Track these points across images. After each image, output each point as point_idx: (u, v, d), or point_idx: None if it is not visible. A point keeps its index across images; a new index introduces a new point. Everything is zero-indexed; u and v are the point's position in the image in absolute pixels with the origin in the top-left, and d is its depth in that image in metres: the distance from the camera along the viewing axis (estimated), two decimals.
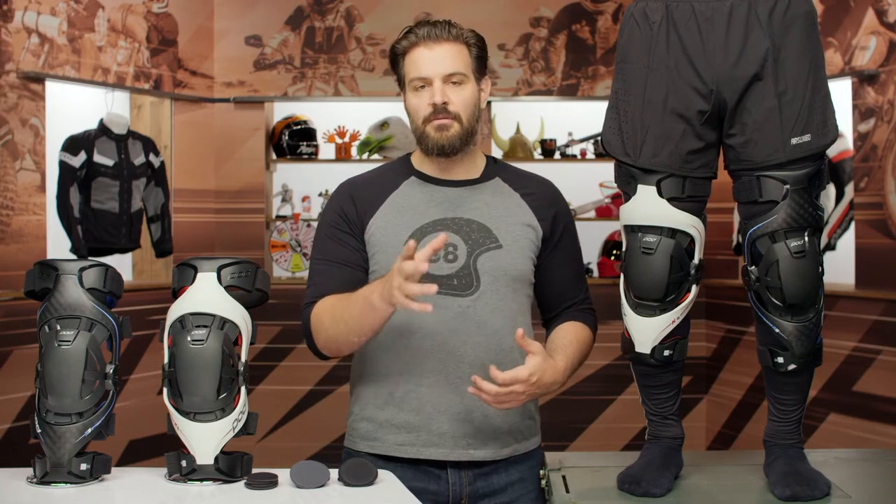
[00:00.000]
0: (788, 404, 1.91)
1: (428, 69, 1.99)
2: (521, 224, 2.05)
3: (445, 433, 1.98)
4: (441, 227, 2.01)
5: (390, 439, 2.00)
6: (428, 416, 1.98)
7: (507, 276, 2.01)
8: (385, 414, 2.01)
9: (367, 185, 2.09)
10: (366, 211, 2.04)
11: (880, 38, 4.27)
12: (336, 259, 2.03)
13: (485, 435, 2.00)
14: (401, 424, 1.99)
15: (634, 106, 1.89)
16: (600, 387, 5.25)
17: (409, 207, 2.03)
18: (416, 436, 1.99)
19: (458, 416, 1.98)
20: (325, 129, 5.45)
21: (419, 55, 2.00)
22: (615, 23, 5.40)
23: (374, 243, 2.03)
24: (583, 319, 2.10)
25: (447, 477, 2.00)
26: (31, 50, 4.47)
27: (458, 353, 1.98)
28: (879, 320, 4.25)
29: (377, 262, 2.02)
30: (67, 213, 4.59)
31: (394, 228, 2.01)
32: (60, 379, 1.78)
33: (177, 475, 1.80)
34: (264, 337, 5.02)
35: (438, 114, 1.99)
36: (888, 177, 4.22)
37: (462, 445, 1.99)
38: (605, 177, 5.44)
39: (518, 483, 2.05)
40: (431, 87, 2.00)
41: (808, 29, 1.84)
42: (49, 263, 1.85)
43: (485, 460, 2.01)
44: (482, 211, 2.04)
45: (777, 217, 1.83)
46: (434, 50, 2.00)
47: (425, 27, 2.01)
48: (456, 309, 1.98)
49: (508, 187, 2.09)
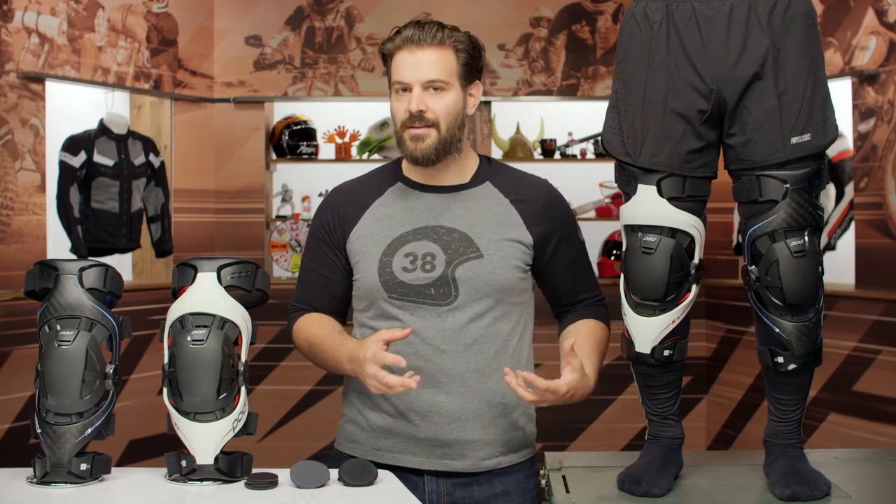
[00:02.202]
0: (788, 404, 1.91)
1: (408, 74, 1.97)
2: (506, 232, 2.01)
3: (422, 441, 1.97)
4: (420, 235, 2.00)
5: (369, 443, 2.01)
6: (406, 423, 1.98)
7: (488, 286, 1.98)
8: (366, 418, 2.02)
9: (352, 194, 2.08)
10: (347, 222, 2.04)
11: (880, 38, 4.27)
12: (318, 270, 2.08)
13: (462, 445, 1.98)
14: (380, 430, 2.00)
15: (635, 106, 1.88)
16: (600, 387, 5.18)
17: (388, 217, 2.02)
18: (392, 442, 1.99)
19: (434, 426, 1.97)
20: (325, 129, 5.45)
21: (401, 59, 1.98)
22: (615, 23, 5.40)
23: (355, 253, 2.03)
24: (595, 315, 2.09)
25: (423, 485, 1.99)
26: (31, 50, 4.47)
27: (435, 361, 1.96)
28: (879, 320, 4.25)
29: (358, 272, 2.04)
30: (67, 213, 4.59)
31: (373, 239, 2.01)
32: (60, 379, 1.78)
33: (177, 475, 1.80)
34: (264, 337, 5.02)
35: (414, 121, 1.96)
36: (888, 177, 4.21)
37: (438, 455, 1.97)
38: (605, 177, 5.44)
39: (501, 496, 2.02)
40: (411, 93, 1.97)
41: (807, 29, 1.84)
42: (49, 263, 1.85)
43: (464, 471, 1.99)
44: (465, 219, 2.01)
45: (777, 217, 1.83)
46: (416, 55, 1.97)
47: (411, 29, 1.98)
48: (433, 318, 1.97)
49: (498, 193, 2.05)
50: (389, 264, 1.98)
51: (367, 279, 1.99)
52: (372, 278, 1.99)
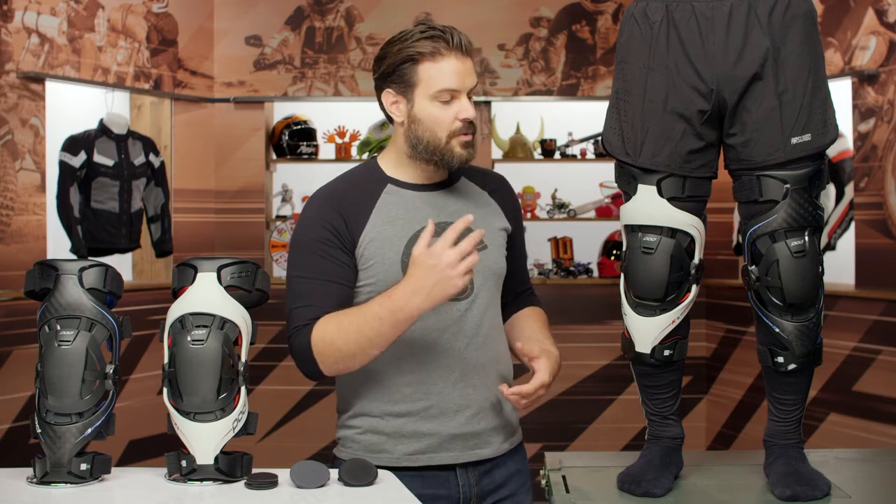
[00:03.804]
0: (788, 404, 1.91)
1: (460, 82, 1.95)
2: (496, 222, 2.09)
3: (456, 437, 1.99)
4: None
5: (400, 450, 1.99)
6: (438, 422, 1.99)
7: (494, 276, 2.05)
8: (392, 425, 1.99)
9: (348, 196, 2.02)
10: (355, 225, 1.98)
11: (880, 38, 4.27)
12: (330, 277, 1.95)
13: (488, 434, 2.02)
14: (410, 434, 1.98)
15: (635, 106, 1.89)
16: (600, 387, 5.25)
17: (397, 217, 2.01)
18: (426, 444, 1.99)
19: (466, 419, 2.00)
20: (325, 129, 5.45)
21: (450, 66, 1.94)
22: (615, 23, 5.40)
23: (368, 257, 1.98)
24: (537, 303, 2.21)
25: (456, 479, 2.01)
26: (31, 50, 4.47)
27: (461, 356, 1.99)
28: (879, 320, 4.25)
29: (373, 276, 1.97)
30: (67, 213, 4.59)
31: (388, 240, 1.98)
32: (60, 379, 1.77)
33: (177, 475, 1.80)
34: (264, 337, 5.02)
35: (468, 129, 1.97)
36: (888, 177, 4.21)
37: (470, 446, 2.01)
38: (605, 177, 5.44)
39: (515, 475, 2.08)
40: (458, 100, 1.96)
41: (808, 29, 1.84)
42: (49, 263, 1.85)
43: (489, 457, 2.03)
44: (461, 213, 2.00)
45: (777, 217, 1.83)
46: (465, 63, 1.96)
47: (456, 35, 1.95)
48: (455, 314, 1.99)
49: (476, 186, 2.11)
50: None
51: (389, 281, 1.94)
52: (395, 279, 1.93)
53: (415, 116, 1.97)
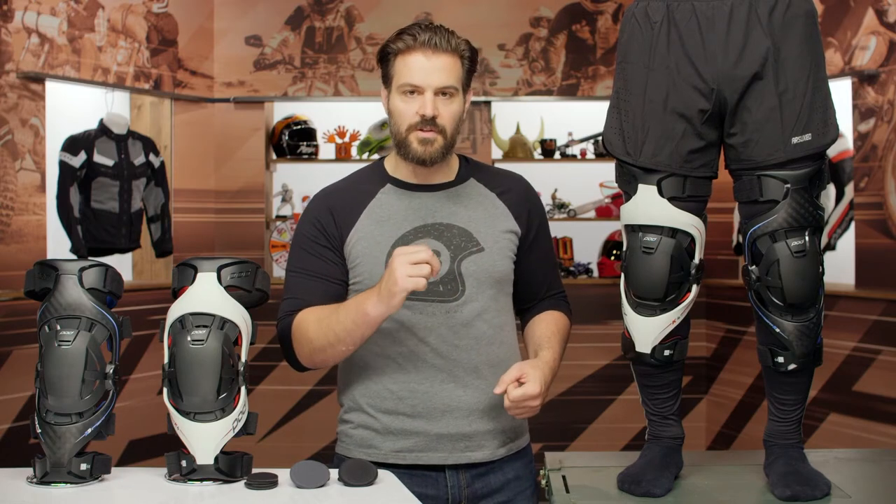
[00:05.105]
0: (788, 404, 1.91)
1: (422, 78, 1.96)
2: (500, 225, 2.06)
3: (443, 437, 1.99)
4: (422, 234, 2.01)
5: (387, 446, 2.00)
6: (425, 421, 1.99)
7: (490, 279, 2.03)
8: (381, 422, 2.01)
9: (343, 196, 2.06)
10: (344, 223, 2.02)
11: (880, 38, 4.27)
12: (315, 272, 2.01)
13: (481, 437, 2.01)
14: (398, 431, 2.00)
15: (635, 105, 1.89)
16: (600, 387, 5.25)
17: (387, 217, 2.02)
18: (413, 442, 1.99)
19: (454, 420, 1.99)
20: (325, 129, 5.45)
21: (415, 61, 1.97)
22: (615, 23, 5.40)
23: (355, 255, 2.01)
24: (558, 307, 2.15)
25: (445, 480, 2.01)
26: (31, 50, 4.47)
27: (450, 357, 1.99)
28: (879, 320, 4.25)
29: (360, 274, 2.01)
30: (67, 213, 4.59)
31: (375, 240, 2.01)
32: (60, 379, 1.77)
33: (177, 475, 1.80)
34: (264, 337, 4.99)
35: (425, 125, 1.97)
36: (888, 177, 4.22)
37: (460, 448, 2.00)
38: (605, 177, 5.44)
39: (514, 481, 2.07)
40: (422, 96, 1.97)
41: (808, 28, 1.84)
42: (49, 263, 1.85)
43: (483, 461, 2.02)
44: (461, 215, 2.04)
45: (777, 216, 1.83)
46: (432, 60, 1.96)
47: (427, 32, 1.97)
48: (443, 315, 1.99)
49: (484, 188, 2.09)
50: None
51: (376, 280, 1.96)
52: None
53: (389, 110, 2.03)
